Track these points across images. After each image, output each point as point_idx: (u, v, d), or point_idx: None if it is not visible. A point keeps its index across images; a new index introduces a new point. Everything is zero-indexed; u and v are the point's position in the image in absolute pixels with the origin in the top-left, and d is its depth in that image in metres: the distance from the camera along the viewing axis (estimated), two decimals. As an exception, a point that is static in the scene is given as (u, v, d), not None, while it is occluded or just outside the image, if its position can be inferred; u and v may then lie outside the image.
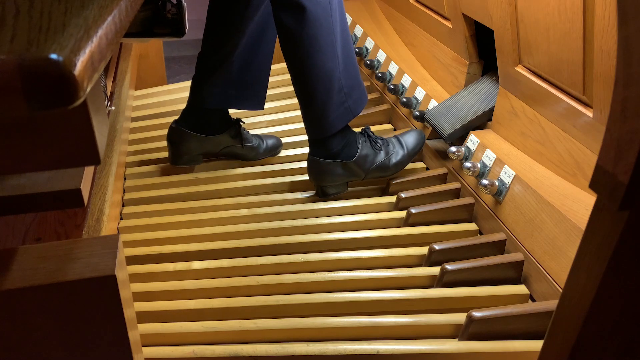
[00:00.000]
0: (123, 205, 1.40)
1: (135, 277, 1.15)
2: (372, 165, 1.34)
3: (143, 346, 1.00)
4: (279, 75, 1.92)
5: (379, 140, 1.37)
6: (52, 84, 0.30)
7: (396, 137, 1.41)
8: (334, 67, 1.24)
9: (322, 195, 1.37)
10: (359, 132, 1.37)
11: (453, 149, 1.32)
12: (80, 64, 0.31)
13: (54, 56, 0.30)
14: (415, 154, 1.40)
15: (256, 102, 1.47)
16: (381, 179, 1.41)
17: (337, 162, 1.31)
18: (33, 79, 0.30)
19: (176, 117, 1.44)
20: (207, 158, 1.51)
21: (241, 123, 1.49)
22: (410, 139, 1.40)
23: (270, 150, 1.54)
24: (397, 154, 1.36)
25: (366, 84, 1.83)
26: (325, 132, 1.29)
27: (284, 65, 1.84)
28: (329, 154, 1.31)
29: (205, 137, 1.44)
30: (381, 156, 1.34)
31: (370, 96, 1.76)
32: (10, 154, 0.37)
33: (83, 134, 0.38)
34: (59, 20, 0.33)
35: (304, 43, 1.20)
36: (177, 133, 1.43)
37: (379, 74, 1.71)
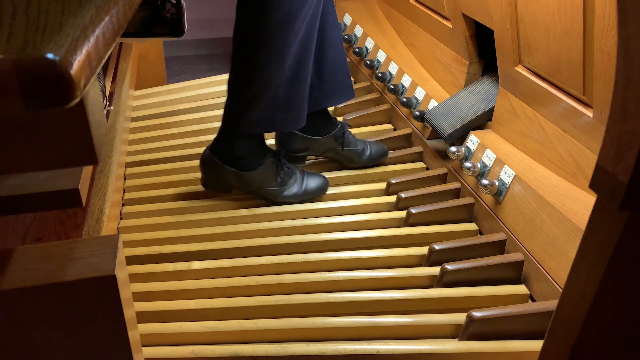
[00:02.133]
0: (123, 205, 1.40)
1: (135, 277, 1.15)
2: (262, 188, 1.30)
3: (143, 346, 1.00)
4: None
5: (286, 168, 1.32)
6: (48, 84, 0.30)
7: (303, 172, 1.36)
8: (276, 73, 1.20)
9: (205, 184, 1.33)
10: (273, 151, 1.32)
11: (453, 149, 1.31)
12: (76, 63, 0.31)
13: (50, 56, 0.30)
14: (310, 197, 1.35)
15: (345, 93, 1.43)
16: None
17: (232, 170, 1.27)
18: (30, 79, 0.30)
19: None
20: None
21: (347, 126, 1.46)
22: (312, 183, 1.35)
23: (374, 159, 1.47)
24: (291, 190, 1.32)
25: (366, 84, 1.83)
26: (238, 128, 1.24)
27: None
28: (229, 156, 1.27)
29: (310, 137, 1.41)
30: (275, 184, 1.30)
31: (370, 96, 1.76)
32: (6, 154, 0.37)
33: (80, 134, 0.38)
34: (55, 19, 0.33)
35: (252, 39, 1.17)
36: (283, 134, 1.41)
37: (379, 74, 1.71)
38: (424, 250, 1.17)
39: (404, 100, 1.56)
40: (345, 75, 1.42)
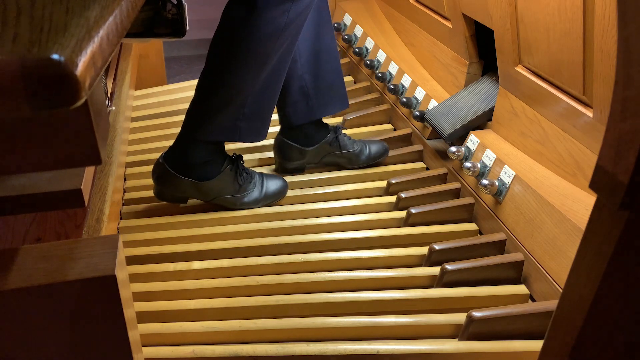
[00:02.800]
0: (123, 205, 1.40)
1: (135, 277, 1.15)
2: (222, 195, 1.28)
3: (143, 346, 1.00)
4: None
5: (245, 174, 1.30)
6: (53, 85, 0.30)
7: (262, 175, 1.34)
8: (250, 81, 1.19)
9: (158, 194, 1.30)
10: (230, 156, 1.29)
11: (453, 149, 1.32)
12: (81, 64, 0.31)
13: (55, 56, 0.30)
14: (270, 201, 1.34)
15: (340, 102, 1.44)
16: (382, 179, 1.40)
17: (188, 180, 1.24)
18: (35, 80, 0.30)
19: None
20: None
21: (341, 129, 1.46)
22: (272, 186, 1.34)
23: (373, 158, 1.47)
24: (251, 196, 1.30)
25: (366, 84, 1.83)
26: (197, 133, 1.22)
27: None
28: (185, 163, 1.23)
29: (306, 148, 1.41)
30: (234, 191, 1.28)
31: (370, 96, 1.76)
32: (11, 154, 0.38)
33: (84, 134, 0.38)
34: (60, 20, 0.33)
35: (236, 44, 1.16)
36: (281, 145, 1.42)
37: (379, 74, 1.71)
38: (424, 250, 1.18)
39: (404, 100, 1.57)
40: (340, 85, 1.43)
